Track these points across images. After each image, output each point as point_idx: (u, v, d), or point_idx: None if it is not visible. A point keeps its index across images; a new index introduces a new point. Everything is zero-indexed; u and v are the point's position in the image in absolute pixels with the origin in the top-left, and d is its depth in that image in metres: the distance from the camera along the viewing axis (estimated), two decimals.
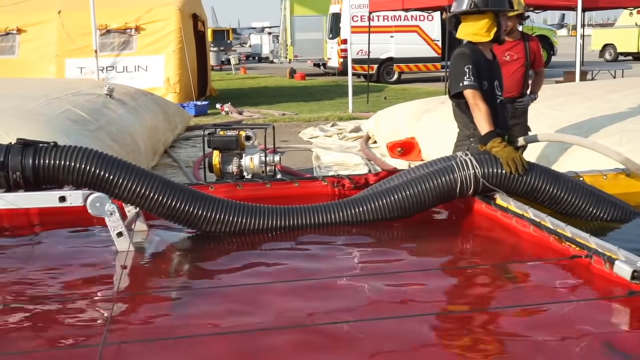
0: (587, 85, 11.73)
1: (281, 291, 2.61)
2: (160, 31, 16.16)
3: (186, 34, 16.50)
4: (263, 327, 2.27)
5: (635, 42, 33.07)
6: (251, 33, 49.01)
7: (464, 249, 3.40)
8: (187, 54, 16.20)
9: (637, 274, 2.45)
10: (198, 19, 18.54)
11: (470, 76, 3.81)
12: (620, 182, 3.95)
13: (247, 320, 2.34)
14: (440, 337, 2.31)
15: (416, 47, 22.66)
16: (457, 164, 3.44)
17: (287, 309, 2.45)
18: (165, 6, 16.41)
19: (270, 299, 2.54)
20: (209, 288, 2.72)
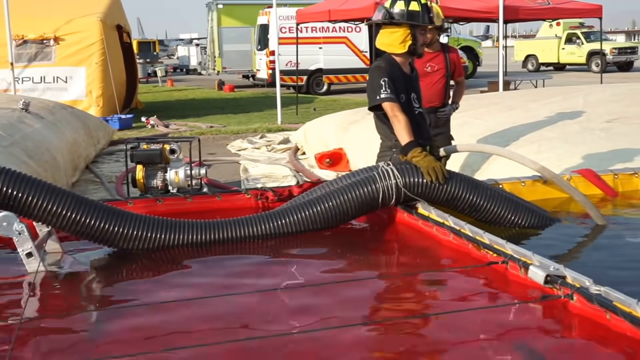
0: (509, 95, 12.06)
1: (202, 308, 2.55)
2: (81, 42, 15.75)
3: (110, 45, 16.15)
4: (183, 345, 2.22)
5: (556, 53, 34.24)
6: (179, 44, 48.46)
7: (387, 259, 3.42)
8: (112, 66, 15.85)
9: (550, 278, 2.50)
10: (122, 30, 18.19)
11: (386, 89, 3.84)
12: (538, 189, 4.05)
13: (165, 340, 2.28)
14: (364, 346, 2.30)
15: (345, 58, 22.87)
16: (379, 174, 3.46)
17: (210, 326, 2.40)
18: (85, 17, 16.00)
19: (190, 315, 2.49)
20: (124, 308, 2.64)
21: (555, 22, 30.46)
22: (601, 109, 8.02)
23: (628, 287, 2.37)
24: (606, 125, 7.16)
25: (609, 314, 2.24)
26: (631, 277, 2.96)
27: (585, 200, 3.77)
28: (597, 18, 16.83)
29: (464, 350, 2.25)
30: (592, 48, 31.74)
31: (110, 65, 15.76)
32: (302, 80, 21.55)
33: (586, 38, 32.93)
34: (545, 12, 16.12)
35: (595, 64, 31.06)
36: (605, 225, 3.66)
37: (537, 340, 2.33)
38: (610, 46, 32.88)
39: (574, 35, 33.38)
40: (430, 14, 4.06)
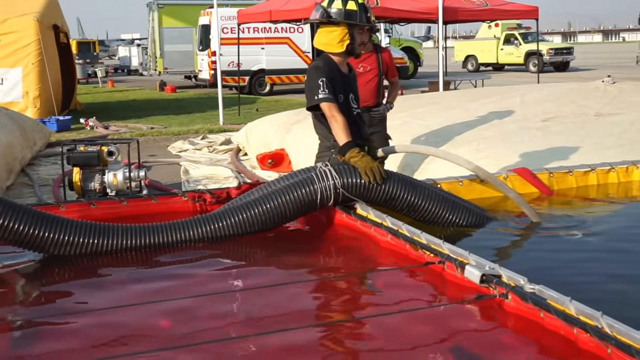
0: (449, 95, 12.22)
1: (140, 314, 2.49)
2: (17, 43, 15.30)
3: (47, 46, 15.73)
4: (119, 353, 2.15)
5: (495, 54, 34.94)
6: (119, 45, 47.63)
7: (324, 260, 3.40)
8: (49, 66, 15.46)
9: (486, 277, 2.52)
10: (60, 30, 17.74)
11: (324, 89, 3.83)
12: (475, 188, 4.09)
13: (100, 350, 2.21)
14: (300, 350, 2.27)
15: (287, 58, 22.85)
16: (317, 175, 3.44)
17: (150, 333, 2.34)
18: (21, 17, 15.55)
19: (127, 323, 2.42)
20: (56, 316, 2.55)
21: (494, 23, 31.14)
22: (537, 109, 8.19)
23: (561, 285, 2.40)
24: (542, 124, 7.31)
25: (543, 312, 2.26)
26: (565, 275, 3.01)
27: (520, 198, 3.83)
28: (534, 19, 17.22)
29: (401, 351, 2.25)
30: (530, 49, 32.48)
31: (47, 66, 15.36)
32: (244, 80, 21.43)
33: (524, 39, 33.69)
34: (484, 14, 16.40)
35: (533, 64, 31.78)
36: (540, 223, 3.72)
37: (473, 340, 2.35)
38: (547, 47, 33.72)
39: (512, 36, 34.12)
40: (368, 14, 4.05)
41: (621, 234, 3.71)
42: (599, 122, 7.27)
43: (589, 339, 2.09)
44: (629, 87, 9.45)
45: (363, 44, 4.07)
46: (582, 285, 2.87)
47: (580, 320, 2.14)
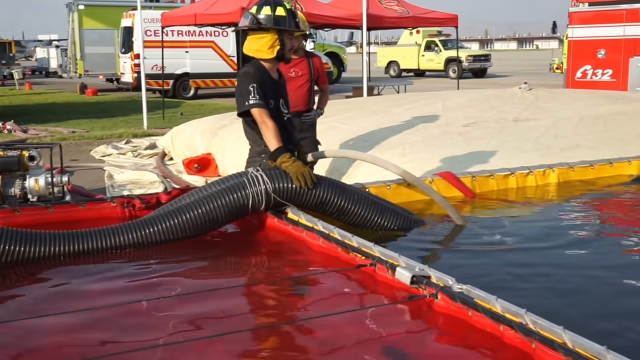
0: (373, 100, 12.41)
1: (64, 325, 2.45)
2: None
3: None
4: None
5: (416, 60, 35.64)
6: (37, 46, 46.09)
7: (257, 265, 3.42)
8: None
9: (416, 278, 2.60)
10: None
11: (255, 95, 3.85)
12: (402, 192, 4.19)
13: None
14: (233, 356, 2.29)
15: (212, 62, 22.68)
16: (249, 180, 3.46)
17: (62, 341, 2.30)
18: None
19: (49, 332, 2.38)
20: None
21: (415, 30, 31.73)
22: (459, 114, 8.43)
23: (487, 284, 2.51)
24: (464, 129, 7.53)
25: (471, 311, 2.35)
26: (490, 274, 3.14)
27: (445, 202, 3.95)
28: (454, 27, 17.68)
29: (334, 353, 2.29)
30: (449, 55, 33.28)
31: None
32: (168, 84, 21.15)
33: (444, 46, 34.50)
34: (406, 21, 16.75)
35: (452, 70, 32.60)
36: (464, 226, 3.85)
37: (404, 341, 2.41)
38: (466, 54, 34.63)
39: (433, 43, 34.88)
40: (296, 19, 4.10)
41: (539, 234, 3.88)
42: (517, 127, 7.54)
43: (515, 335, 2.19)
44: (544, 94, 9.84)
45: (293, 50, 4.10)
46: (506, 283, 3.00)
47: (506, 318, 2.24)
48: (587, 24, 13.97)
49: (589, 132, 7.03)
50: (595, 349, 1.94)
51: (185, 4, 24.52)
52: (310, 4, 14.46)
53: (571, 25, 14.34)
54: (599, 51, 13.70)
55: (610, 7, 13.68)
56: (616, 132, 6.95)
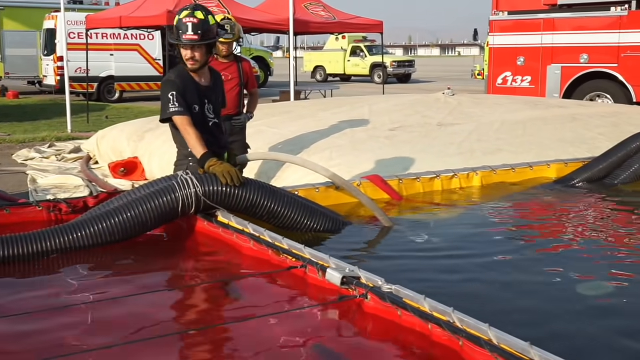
0: (301, 104, 12.46)
1: None
2: None
3: None
4: None
5: (342, 65, 35.94)
6: None
7: (187, 268, 3.40)
8: None
9: (346, 279, 2.64)
10: None
11: (175, 102, 3.81)
12: (331, 195, 4.24)
13: None
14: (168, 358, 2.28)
15: (137, 65, 22.29)
16: (178, 184, 3.44)
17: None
18: None
19: None
20: None
21: (341, 36, 32.02)
22: (385, 118, 8.56)
23: (415, 284, 2.57)
24: (390, 133, 7.65)
25: (400, 310, 2.41)
26: (418, 274, 3.22)
27: (373, 204, 4.03)
28: (379, 33, 17.94)
29: (265, 355, 2.31)
30: (375, 61, 33.70)
31: None
32: (92, 87, 20.67)
33: (369, 51, 34.92)
34: (332, 26, 16.90)
35: (378, 75, 33.04)
36: (391, 227, 3.93)
37: (335, 341, 2.45)
38: (391, 59, 35.17)
39: (358, 49, 35.25)
40: None
41: (464, 234, 4.00)
42: (441, 131, 7.72)
43: (443, 333, 2.26)
44: (467, 99, 10.09)
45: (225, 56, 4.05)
46: (434, 282, 3.09)
47: (434, 317, 2.30)
48: (507, 32, 14.42)
49: (510, 137, 7.26)
50: (520, 345, 2.02)
51: (110, 6, 24.02)
52: (237, 8, 14.43)
53: (492, 33, 14.76)
54: (518, 58, 14.16)
55: (528, 16, 14.16)
56: (536, 137, 7.20)
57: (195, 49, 3.83)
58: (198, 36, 3.79)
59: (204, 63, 3.93)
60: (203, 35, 3.80)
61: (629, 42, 12.91)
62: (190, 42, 3.79)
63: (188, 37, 3.78)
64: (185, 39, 3.79)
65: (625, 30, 12.96)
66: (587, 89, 13.48)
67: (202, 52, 3.87)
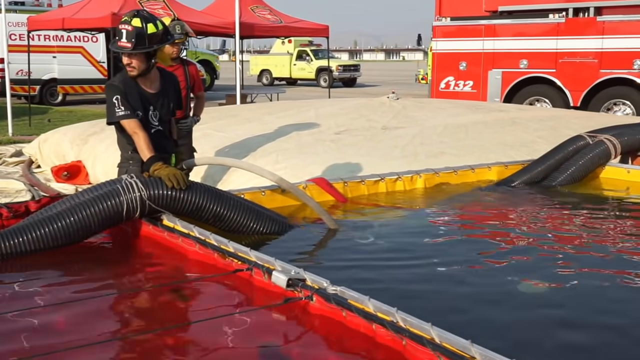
0: (247, 107, 12.44)
1: None
2: None
3: None
4: None
5: (288, 69, 35.99)
6: None
7: (132, 272, 3.37)
8: None
9: (292, 282, 2.67)
10: None
11: (120, 106, 3.79)
12: (277, 198, 4.27)
13: None
14: None
15: (81, 68, 21.87)
16: (122, 187, 3.41)
17: None
18: None
19: None
20: None
21: (287, 40, 32.06)
22: (331, 122, 8.62)
23: (360, 285, 2.62)
24: (335, 136, 7.71)
25: (345, 311, 2.45)
26: (363, 276, 3.26)
27: (318, 207, 4.07)
28: (325, 37, 18.04)
29: (211, 358, 2.31)
30: (320, 65, 33.84)
31: None
32: (34, 90, 20.19)
33: (315, 55, 35.06)
34: (278, 30, 16.93)
35: (323, 79, 33.19)
36: (337, 229, 3.98)
37: (281, 343, 2.48)
38: (336, 63, 35.36)
39: (304, 53, 35.36)
40: None
41: (408, 235, 4.08)
42: (385, 135, 7.82)
43: (386, 333, 2.30)
44: (411, 103, 10.24)
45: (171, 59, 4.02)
46: (378, 283, 3.13)
47: (378, 317, 2.34)
48: (450, 37, 14.68)
49: (452, 140, 7.40)
50: (461, 343, 2.07)
51: (53, 8, 23.53)
52: (182, 11, 14.33)
53: (435, 39, 15.01)
54: (460, 63, 14.44)
55: (470, 22, 14.46)
56: (477, 140, 7.36)
57: (131, 57, 3.79)
58: (131, 44, 3.73)
59: (144, 70, 3.87)
60: (137, 44, 3.75)
61: (566, 48, 13.31)
62: (121, 49, 3.76)
63: (121, 44, 3.75)
64: (119, 45, 3.76)
65: (562, 37, 13.35)
66: (527, 93, 13.84)
67: (140, 60, 3.82)
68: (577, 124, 8.12)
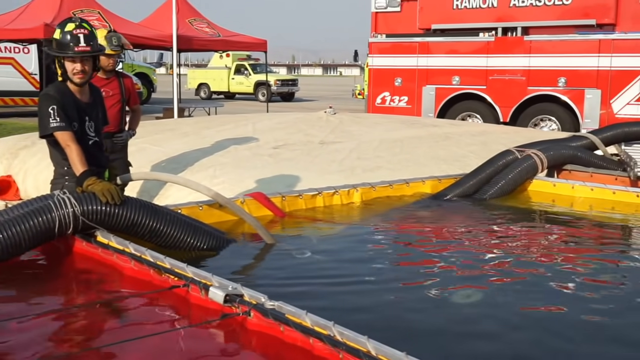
0: (184, 121, 12.34)
1: None
2: None
3: None
4: None
5: (226, 83, 35.87)
6: None
7: (65, 291, 3.29)
8: None
9: (229, 297, 2.66)
10: None
11: (55, 117, 3.72)
12: (214, 212, 4.24)
13: None
14: None
15: (12, 80, 21.31)
16: (55, 203, 3.34)
17: None
18: None
19: None
20: None
21: (225, 54, 31.98)
22: (269, 136, 8.65)
23: (298, 300, 2.63)
24: (273, 151, 7.74)
25: (282, 326, 2.45)
26: (300, 290, 3.27)
27: (255, 222, 4.06)
28: (263, 52, 18.09)
29: None
30: (259, 79, 33.87)
31: None
32: None
33: (253, 69, 35.06)
34: (216, 44, 16.90)
35: (262, 94, 33.21)
36: (274, 244, 3.98)
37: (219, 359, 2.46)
38: (275, 78, 35.45)
39: (243, 67, 35.32)
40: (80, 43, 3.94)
41: (345, 249, 4.11)
42: (323, 149, 7.89)
43: (324, 347, 2.31)
44: (348, 118, 10.37)
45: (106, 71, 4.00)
46: (316, 297, 3.15)
47: (315, 331, 2.35)
48: (385, 53, 14.94)
49: (388, 155, 7.51)
50: (396, 356, 2.10)
51: None
52: (118, 22, 14.16)
53: (371, 55, 15.25)
54: (396, 79, 14.70)
55: (404, 39, 14.75)
56: (412, 155, 7.49)
57: (85, 62, 3.78)
58: (90, 47, 3.76)
59: (91, 76, 3.88)
60: (93, 47, 3.77)
61: (495, 65, 13.74)
62: (83, 53, 3.73)
63: (81, 49, 3.73)
64: (78, 50, 3.73)
65: (492, 55, 13.77)
66: (459, 109, 14.21)
67: (90, 64, 3.83)
68: (506, 138, 8.36)
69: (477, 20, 14.14)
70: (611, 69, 12.80)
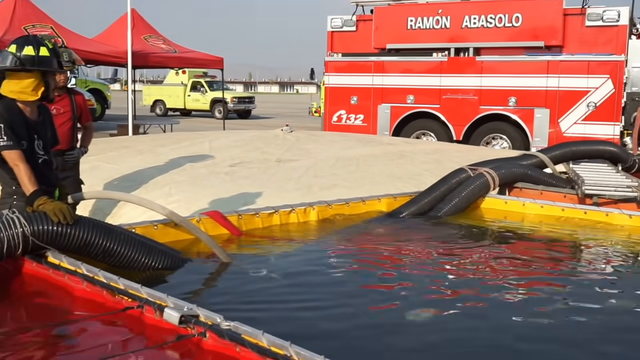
0: (139, 139, 12.22)
1: None
2: None
3: None
4: None
5: (182, 99, 35.64)
6: None
7: (14, 314, 3.19)
8: None
9: (185, 318, 2.62)
10: None
11: (3, 135, 3.65)
12: (169, 232, 4.19)
13: None
14: None
15: None
16: (3, 223, 3.25)
17: None
18: None
19: None
20: None
21: (181, 70, 31.81)
22: (225, 154, 8.62)
23: (254, 319, 2.61)
24: (230, 169, 7.71)
25: (238, 347, 2.43)
26: (257, 309, 3.25)
27: (211, 241, 4.03)
28: (219, 69, 18.06)
29: None
30: (215, 96, 33.75)
31: None
32: None
33: (210, 87, 34.93)
34: (172, 61, 16.81)
35: (218, 111, 33.10)
36: (230, 263, 3.95)
37: None
38: (231, 95, 35.38)
39: (199, 84, 35.16)
40: (60, 59, 3.98)
41: (302, 267, 4.10)
42: (279, 167, 7.89)
43: None
44: (304, 136, 10.41)
45: (57, 88, 3.96)
46: (273, 316, 3.13)
47: (271, 351, 2.34)
48: (341, 72, 15.07)
49: (344, 172, 7.55)
50: None
51: None
52: (72, 38, 13.98)
53: (327, 73, 15.36)
54: (351, 98, 14.82)
55: (360, 59, 14.91)
56: (368, 172, 7.55)
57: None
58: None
59: None
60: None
61: (448, 85, 14.00)
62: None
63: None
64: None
65: (445, 74, 14.03)
66: (414, 127, 14.40)
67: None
68: (460, 157, 8.49)
69: (431, 40, 14.39)
70: (559, 89, 13.15)
